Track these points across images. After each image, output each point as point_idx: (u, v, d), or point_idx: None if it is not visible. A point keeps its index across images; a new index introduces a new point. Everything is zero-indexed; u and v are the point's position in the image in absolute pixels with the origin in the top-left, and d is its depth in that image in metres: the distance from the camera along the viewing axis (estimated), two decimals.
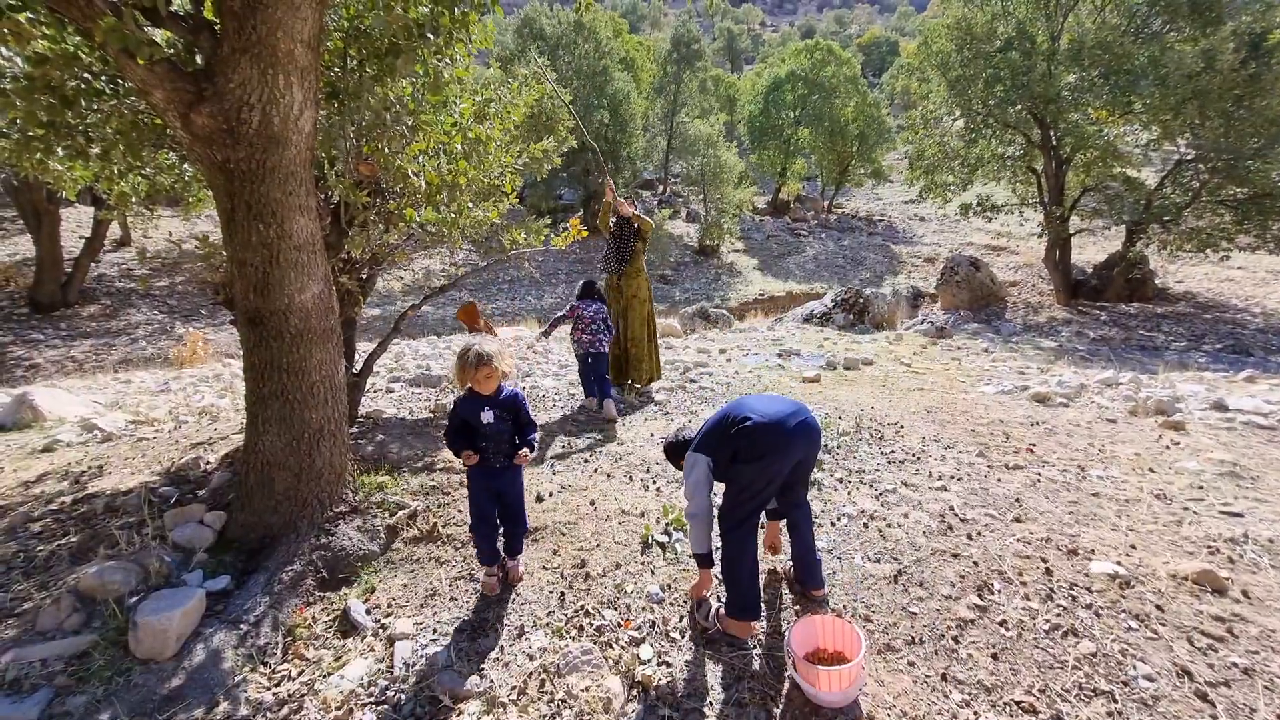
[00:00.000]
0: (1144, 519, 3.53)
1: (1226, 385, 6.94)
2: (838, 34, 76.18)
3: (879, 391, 6.50)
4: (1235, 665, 2.45)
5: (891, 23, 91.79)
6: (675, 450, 2.89)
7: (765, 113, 32.74)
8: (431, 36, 3.65)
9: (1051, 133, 14.82)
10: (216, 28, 2.71)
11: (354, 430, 4.55)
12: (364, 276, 4.24)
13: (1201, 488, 3.94)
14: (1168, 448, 4.62)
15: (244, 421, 3.32)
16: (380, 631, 2.70)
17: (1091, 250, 19.63)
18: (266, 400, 3.15)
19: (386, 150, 3.54)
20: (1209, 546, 3.24)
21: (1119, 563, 3.04)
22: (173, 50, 3.15)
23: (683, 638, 2.64)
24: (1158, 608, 2.75)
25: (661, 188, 35.96)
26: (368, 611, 2.82)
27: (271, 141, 2.83)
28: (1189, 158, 14.32)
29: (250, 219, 2.90)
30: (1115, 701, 2.28)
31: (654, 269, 24.70)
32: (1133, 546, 3.21)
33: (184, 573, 2.98)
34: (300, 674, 2.48)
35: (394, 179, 3.68)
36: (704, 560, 2.73)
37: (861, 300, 13.14)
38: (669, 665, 2.49)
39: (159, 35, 3.10)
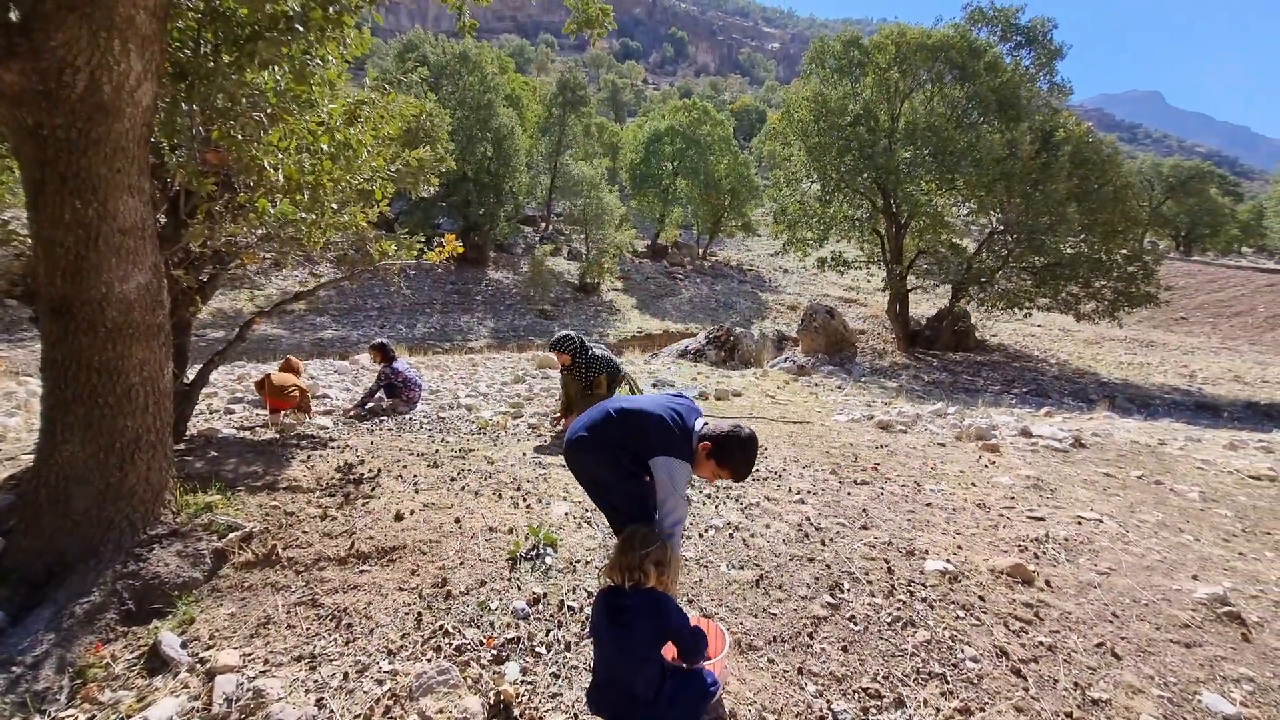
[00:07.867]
0: (968, 524, 3.95)
1: (1031, 418, 8.05)
2: (713, 98, 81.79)
3: (747, 420, 6.81)
4: (1042, 644, 2.77)
5: (760, 94, 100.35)
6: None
7: (646, 161, 34.20)
8: (300, 29, 3.48)
9: (892, 200, 16.75)
10: None
11: (180, 447, 4.03)
12: (205, 276, 3.83)
13: (1013, 498, 4.49)
14: (986, 466, 5.23)
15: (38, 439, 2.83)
16: (198, 666, 2.35)
17: (925, 305, 22.18)
18: (69, 404, 2.72)
19: (239, 137, 3.27)
20: (1019, 545, 3.68)
21: (948, 561, 3.36)
22: None
23: (548, 652, 2.54)
24: (980, 598, 3.06)
25: (544, 224, 36.14)
26: (184, 645, 2.45)
27: (99, 110, 2.53)
28: (999, 229, 16.76)
29: (64, 193, 2.55)
30: (947, 682, 2.48)
31: (534, 303, 24.57)
32: (959, 547, 3.58)
33: None
34: (90, 719, 2.09)
35: (246, 169, 3.40)
36: None
37: (732, 339, 13.81)
38: (533, 681, 2.38)
39: None
